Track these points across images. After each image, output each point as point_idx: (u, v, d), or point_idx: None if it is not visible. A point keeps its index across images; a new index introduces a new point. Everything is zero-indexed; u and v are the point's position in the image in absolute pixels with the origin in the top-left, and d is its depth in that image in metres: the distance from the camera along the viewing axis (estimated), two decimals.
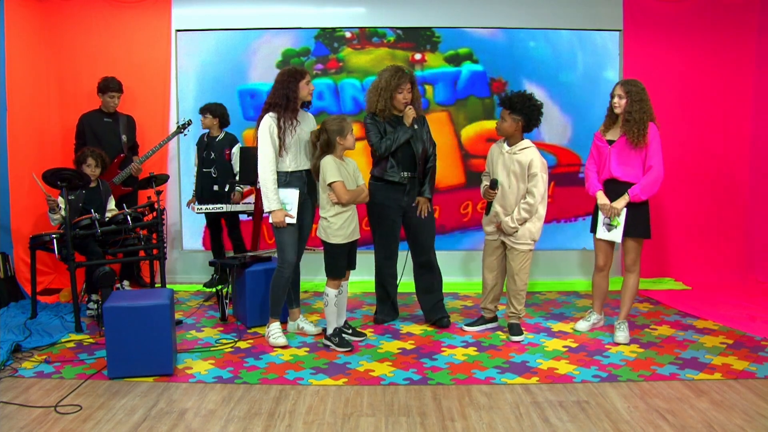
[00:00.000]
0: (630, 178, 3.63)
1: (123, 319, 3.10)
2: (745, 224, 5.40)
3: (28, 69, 4.90)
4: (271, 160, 3.55)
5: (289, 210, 3.58)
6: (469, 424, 2.65)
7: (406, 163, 3.92)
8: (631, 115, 3.57)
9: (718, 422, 2.64)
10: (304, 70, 3.64)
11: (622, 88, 3.62)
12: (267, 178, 3.55)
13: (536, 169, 3.63)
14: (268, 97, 3.63)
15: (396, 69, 3.90)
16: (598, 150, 3.79)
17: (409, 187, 3.95)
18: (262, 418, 2.70)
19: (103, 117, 4.86)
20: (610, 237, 3.73)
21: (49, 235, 4.12)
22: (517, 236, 3.70)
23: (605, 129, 3.78)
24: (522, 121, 3.66)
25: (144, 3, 5.19)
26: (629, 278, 3.77)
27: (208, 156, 4.89)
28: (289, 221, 3.58)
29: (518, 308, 3.80)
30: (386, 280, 4.13)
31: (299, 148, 3.63)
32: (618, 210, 3.66)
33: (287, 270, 3.63)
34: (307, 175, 3.71)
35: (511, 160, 3.70)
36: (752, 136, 5.35)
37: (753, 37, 5.26)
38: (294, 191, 3.60)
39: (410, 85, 3.88)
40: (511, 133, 3.70)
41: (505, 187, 3.72)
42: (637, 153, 3.60)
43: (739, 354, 3.48)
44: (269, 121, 3.55)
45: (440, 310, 4.08)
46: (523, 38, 5.31)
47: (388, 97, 3.86)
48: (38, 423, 2.66)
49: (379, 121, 3.91)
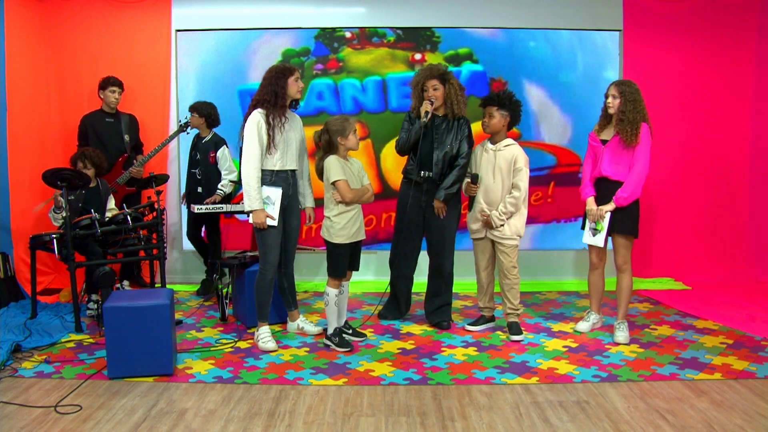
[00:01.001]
0: (620, 177, 3.67)
1: (123, 319, 3.10)
2: (745, 224, 5.41)
3: (28, 69, 4.90)
4: (257, 158, 3.48)
5: (271, 210, 3.52)
6: (469, 424, 2.65)
7: (427, 162, 3.89)
8: (624, 114, 3.60)
9: (718, 422, 2.64)
10: (294, 67, 3.61)
11: (616, 88, 3.66)
12: (250, 175, 3.47)
13: (521, 164, 3.74)
14: (256, 94, 3.58)
15: (426, 67, 3.94)
16: (593, 150, 3.83)
17: (426, 187, 3.93)
18: (262, 418, 2.70)
19: (105, 117, 4.85)
20: (593, 242, 3.80)
21: (49, 235, 4.12)
22: (504, 232, 3.77)
23: (599, 129, 3.82)
24: (509, 116, 3.78)
25: (144, 3, 5.19)
26: (622, 278, 3.78)
27: (194, 156, 4.87)
28: (270, 223, 3.52)
29: (515, 303, 3.82)
30: (399, 279, 4.12)
31: (286, 147, 3.58)
32: (603, 214, 3.70)
33: (270, 272, 3.60)
34: (293, 176, 3.67)
35: (496, 157, 3.78)
36: (752, 136, 5.35)
37: (753, 37, 5.26)
38: (277, 190, 3.54)
39: (437, 81, 3.83)
40: (499, 129, 3.79)
41: (490, 184, 3.80)
42: (629, 153, 3.64)
43: (739, 354, 3.48)
44: (258, 117, 3.50)
45: (442, 314, 4.05)
46: (523, 38, 5.31)
47: (418, 95, 3.90)
48: (38, 423, 2.66)
49: (412, 119, 3.93)
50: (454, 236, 4.04)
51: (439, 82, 3.84)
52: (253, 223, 3.52)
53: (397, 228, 4.09)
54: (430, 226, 3.99)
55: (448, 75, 3.89)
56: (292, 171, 3.65)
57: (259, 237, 3.58)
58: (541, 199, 5.38)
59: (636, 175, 3.61)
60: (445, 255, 4.01)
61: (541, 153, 5.36)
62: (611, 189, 3.68)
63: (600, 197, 3.75)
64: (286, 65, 3.62)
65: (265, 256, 3.59)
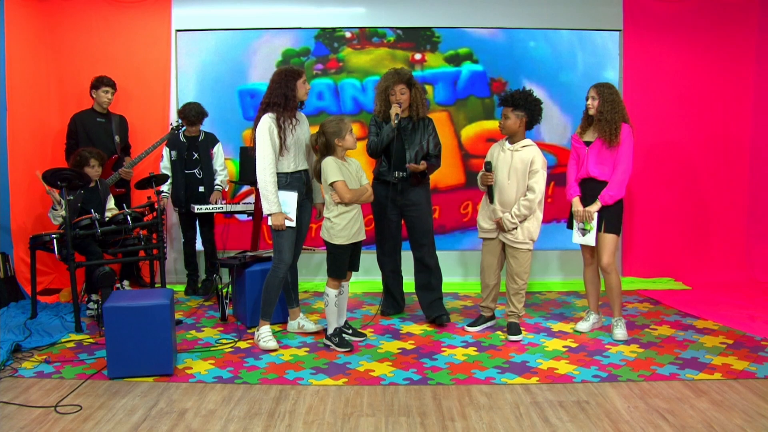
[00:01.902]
0: (606, 177, 3.71)
1: (123, 319, 3.10)
2: (745, 224, 5.41)
3: (28, 69, 4.90)
4: (271, 162, 3.51)
5: (288, 213, 3.56)
6: (469, 424, 2.65)
7: (399, 163, 3.99)
8: (603, 115, 3.65)
9: (718, 422, 2.64)
10: (301, 70, 3.64)
11: (594, 90, 3.73)
12: (267, 180, 3.51)
13: (538, 166, 3.68)
14: (264, 96, 3.59)
15: (391, 71, 4.02)
16: (576, 152, 3.86)
17: (401, 187, 4.01)
18: (262, 418, 2.70)
19: (96, 117, 4.85)
20: (584, 241, 3.82)
21: (49, 235, 4.12)
22: (516, 236, 3.72)
23: (582, 131, 3.86)
24: (525, 117, 3.72)
25: (144, 3, 5.19)
26: (609, 279, 3.78)
27: (190, 157, 4.84)
28: (288, 224, 3.56)
29: (519, 307, 3.81)
30: (387, 275, 4.27)
31: (298, 148, 3.61)
32: (591, 214, 3.71)
33: (282, 271, 3.62)
34: (305, 175, 3.70)
35: (512, 158, 3.73)
36: (752, 136, 5.35)
37: (753, 36, 5.26)
38: (293, 194, 3.58)
39: (404, 86, 3.93)
40: (515, 130, 3.73)
41: (504, 185, 3.74)
42: (611, 153, 3.68)
43: (739, 354, 3.48)
44: (269, 122, 3.51)
45: (439, 307, 4.11)
46: (523, 38, 5.31)
47: (384, 99, 4.00)
48: (38, 423, 2.66)
49: (379, 123, 4.04)
50: (432, 229, 4.14)
51: (406, 87, 3.94)
52: (272, 226, 3.55)
53: (378, 228, 4.19)
54: (409, 223, 4.11)
55: (413, 79, 4.01)
56: (305, 170, 3.69)
57: (275, 236, 3.61)
58: None
59: (620, 174, 3.66)
60: (426, 248, 4.11)
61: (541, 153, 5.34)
62: (597, 189, 3.72)
63: (587, 197, 3.78)
64: (294, 67, 3.63)
65: (279, 254, 3.61)
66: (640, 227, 5.36)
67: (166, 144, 4.88)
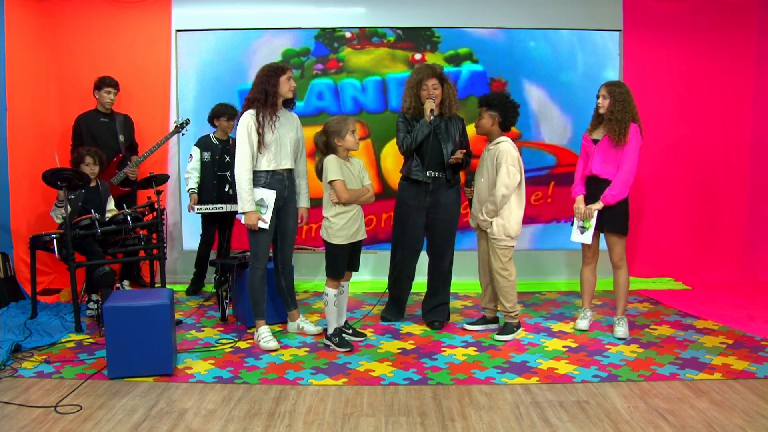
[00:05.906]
0: (609, 175, 3.71)
1: (123, 319, 3.10)
2: (745, 224, 5.41)
3: (28, 69, 4.90)
4: (248, 159, 3.48)
5: (264, 212, 3.52)
6: (469, 424, 2.65)
7: (433, 162, 3.87)
8: (613, 114, 3.65)
9: (718, 422, 2.64)
10: (286, 66, 3.60)
11: (606, 88, 3.72)
12: (242, 177, 3.47)
13: (501, 159, 3.68)
14: (248, 92, 3.58)
15: (422, 66, 3.92)
16: (585, 150, 3.87)
17: (433, 187, 3.90)
18: (262, 418, 2.70)
19: (100, 117, 4.85)
20: (581, 239, 3.83)
21: (49, 235, 4.12)
22: (492, 231, 3.75)
23: (591, 129, 3.88)
24: (498, 117, 3.75)
25: (144, 3, 5.19)
26: (619, 275, 3.81)
27: (222, 159, 4.82)
28: (261, 225, 3.53)
29: (507, 306, 3.79)
30: (402, 280, 4.10)
31: (280, 146, 3.56)
32: (591, 212, 3.73)
33: (259, 270, 3.62)
34: (289, 176, 3.66)
35: (487, 156, 3.80)
36: (752, 136, 5.35)
37: (753, 36, 5.26)
38: (271, 192, 3.54)
39: (436, 81, 3.84)
40: (488, 129, 3.79)
41: (478, 184, 3.85)
42: (618, 152, 3.68)
43: (739, 354, 3.48)
44: (247, 119, 3.49)
45: (437, 313, 4.05)
46: (523, 38, 5.31)
47: (414, 95, 3.88)
48: (38, 423, 2.66)
49: (408, 120, 3.91)
50: (455, 235, 4.06)
51: (439, 82, 3.86)
52: (244, 224, 3.54)
53: (399, 231, 4.02)
54: (434, 226, 3.98)
55: (445, 75, 3.94)
56: (288, 171, 3.64)
57: (250, 235, 3.61)
58: (541, 199, 5.38)
59: (623, 174, 3.65)
60: (447, 254, 4.03)
61: (541, 153, 5.35)
62: (601, 187, 3.73)
63: (590, 195, 3.79)
64: (279, 64, 3.61)
65: (255, 254, 3.62)
66: (640, 227, 5.35)
67: (196, 144, 4.85)
